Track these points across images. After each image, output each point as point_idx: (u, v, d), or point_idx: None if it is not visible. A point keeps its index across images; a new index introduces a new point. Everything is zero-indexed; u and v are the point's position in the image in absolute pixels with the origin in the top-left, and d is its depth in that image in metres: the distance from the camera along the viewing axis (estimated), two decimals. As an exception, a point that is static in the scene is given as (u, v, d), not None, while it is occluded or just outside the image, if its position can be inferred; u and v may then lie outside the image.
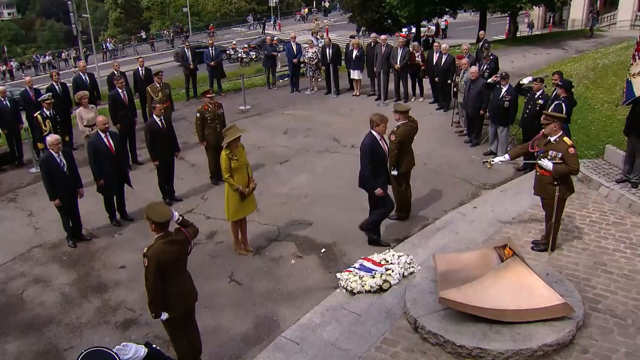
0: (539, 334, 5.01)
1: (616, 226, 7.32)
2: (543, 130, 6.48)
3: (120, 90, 10.72)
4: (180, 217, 4.94)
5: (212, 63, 15.86)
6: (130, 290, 6.66)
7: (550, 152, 6.29)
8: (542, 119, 6.60)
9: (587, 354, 4.99)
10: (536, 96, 9.22)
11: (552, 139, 6.34)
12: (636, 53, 7.99)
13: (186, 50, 15.84)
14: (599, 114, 11.30)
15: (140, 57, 14.81)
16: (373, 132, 6.92)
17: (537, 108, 9.06)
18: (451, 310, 5.27)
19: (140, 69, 13.47)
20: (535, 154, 6.61)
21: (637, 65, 7.91)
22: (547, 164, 6.27)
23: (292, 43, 16.09)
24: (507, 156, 7.01)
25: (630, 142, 8.25)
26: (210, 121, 9.31)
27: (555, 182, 6.29)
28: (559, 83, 8.78)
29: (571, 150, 6.18)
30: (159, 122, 8.63)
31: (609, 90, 12.55)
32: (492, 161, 7.01)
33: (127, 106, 10.83)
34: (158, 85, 11.62)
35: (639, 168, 8.18)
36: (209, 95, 9.48)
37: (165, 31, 51.14)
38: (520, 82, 10.64)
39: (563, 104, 8.39)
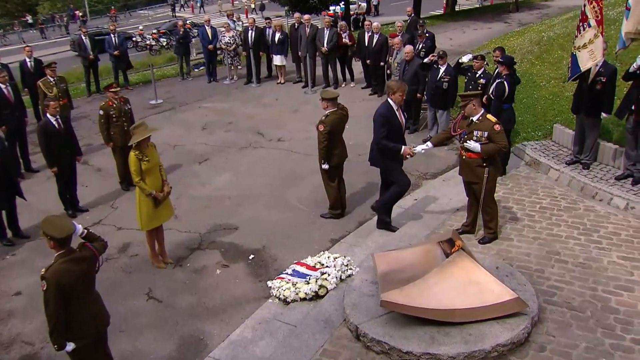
0: (492, 333, 5.11)
1: (568, 211, 7.65)
2: (462, 112, 6.73)
3: (3, 86, 10.15)
4: (85, 231, 4.76)
5: (115, 52, 15.34)
6: (27, 321, 6.33)
7: (475, 133, 6.52)
8: (460, 100, 6.87)
9: (544, 351, 5.10)
10: (477, 75, 9.42)
11: (474, 118, 6.58)
12: (581, 24, 8.18)
13: (84, 37, 15.25)
14: (546, 92, 11.69)
15: (28, 46, 14.04)
16: (389, 100, 6.95)
17: (479, 88, 9.19)
18: (395, 314, 5.35)
19: (28, 60, 12.86)
20: (458, 137, 6.85)
21: (582, 37, 8.11)
22: (474, 145, 6.53)
23: (207, 27, 15.87)
24: (429, 144, 7.20)
25: (579, 120, 8.61)
26: (116, 119, 9.05)
27: (485, 164, 6.55)
28: (500, 60, 8.88)
29: (497, 127, 6.44)
30: (54, 122, 8.26)
31: (555, 66, 13.00)
32: (415, 150, 7.10)
33: (13, 104, 10.27)
34: (51, 79, 11.10)
35: (589, 148, 8.56)
36: (113, 90, 9.19)
37: (57, 15, 48.83)
38: (460, 60, 10.87)
39: (505, 82, 8.52)
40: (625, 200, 7.67)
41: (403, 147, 6.95)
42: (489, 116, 6.60)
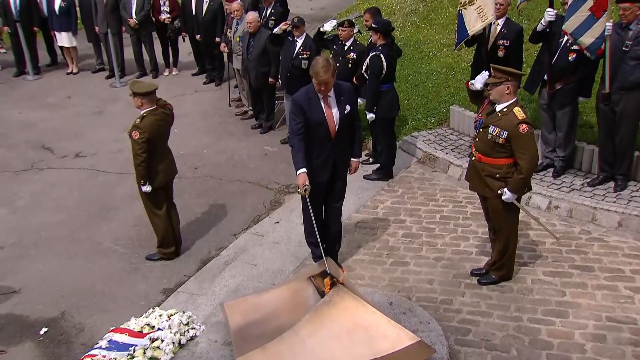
0: (391, 393, 5.24)
1: (477, 219, 7.97)
2: (489, 92, 6.46)
3: None
4: None
5: None
6: None
7: (491, 129, 6.19)
8: (492, 73, 6.41)
9: (463, 410, 5.35)
10: (346, 48, 9.64)
11: (498, 108, 6.26)
12: None
13: None
14: (437, 64, 12.20)
15: None
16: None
17: (349, 65, 9.50)
18: (260, 384, 5.37)
19: None
20: (475, 124, 6.78)
21: None
22: (508, 196, 6.21)
23: None
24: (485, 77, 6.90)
25: None
26: None
27: (498, 175, 6.26)
28: (373, 25, 8.98)
29: (523, 127, 6.01)
30: None
31: (447, 28, 13.53)
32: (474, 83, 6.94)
33: None
34: None
35: None
36: None
37: None
38: (321, 29, 11.11)
39: (381, 55, 8.72)
40: (547, 198, 8.22)
41: (300, 169, 6.41)
42: (517, 109, 6.11)
